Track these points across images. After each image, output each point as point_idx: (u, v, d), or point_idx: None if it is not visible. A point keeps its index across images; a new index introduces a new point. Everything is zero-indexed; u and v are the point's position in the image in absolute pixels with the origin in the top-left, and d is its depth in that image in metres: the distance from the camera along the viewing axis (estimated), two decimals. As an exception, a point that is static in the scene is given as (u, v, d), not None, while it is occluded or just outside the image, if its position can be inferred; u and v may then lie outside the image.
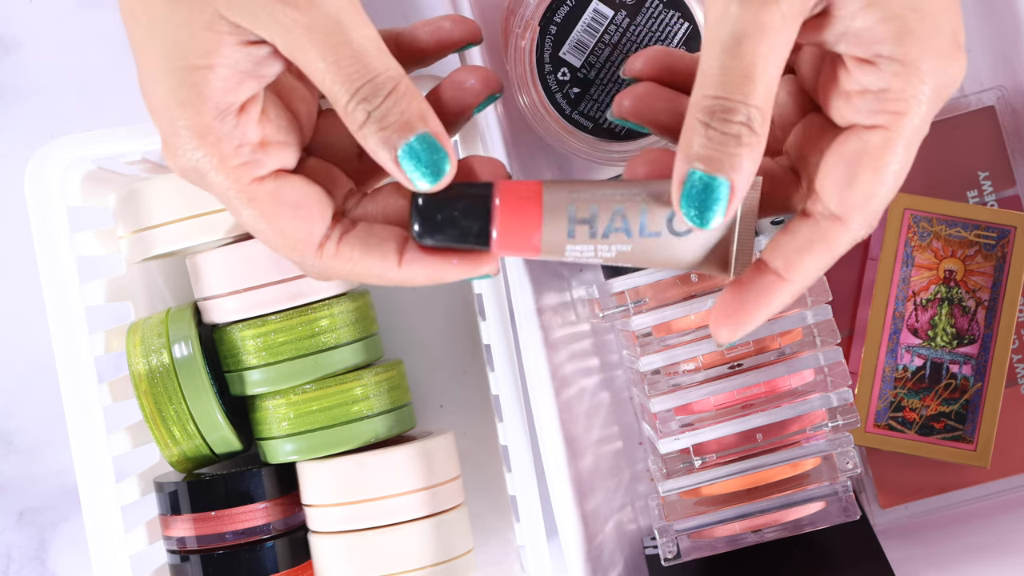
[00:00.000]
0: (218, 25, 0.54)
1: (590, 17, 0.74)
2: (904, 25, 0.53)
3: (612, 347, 0.84)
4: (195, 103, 0.55)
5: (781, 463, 0.72)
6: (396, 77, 0.55)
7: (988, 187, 0.83)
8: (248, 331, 0.74)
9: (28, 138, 0.84)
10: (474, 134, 0.73)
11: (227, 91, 0.55)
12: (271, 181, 0.57)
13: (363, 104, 0.54)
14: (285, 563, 0.76)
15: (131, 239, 0.75)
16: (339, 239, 0.57)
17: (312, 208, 0.57)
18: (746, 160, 0.53)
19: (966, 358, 0.82)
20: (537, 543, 0.72)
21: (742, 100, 0.53)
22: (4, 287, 0.84)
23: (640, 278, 0.72)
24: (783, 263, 0.56)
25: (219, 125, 0.55)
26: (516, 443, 0.72)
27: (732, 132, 0.53)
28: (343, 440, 0.75)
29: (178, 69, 0.55)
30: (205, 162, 0.55)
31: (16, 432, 0.85)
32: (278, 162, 0.57)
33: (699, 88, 0.53)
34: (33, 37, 0.84)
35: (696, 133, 0.53)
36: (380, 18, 0.84)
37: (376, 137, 0.55)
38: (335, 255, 0.57)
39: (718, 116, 0.53)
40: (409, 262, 0.57)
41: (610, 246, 0.57)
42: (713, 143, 0.53)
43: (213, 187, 0.56)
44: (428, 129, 0.55)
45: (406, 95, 0.55)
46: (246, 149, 0.56)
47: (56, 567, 0.86)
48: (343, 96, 0.55)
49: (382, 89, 0.55)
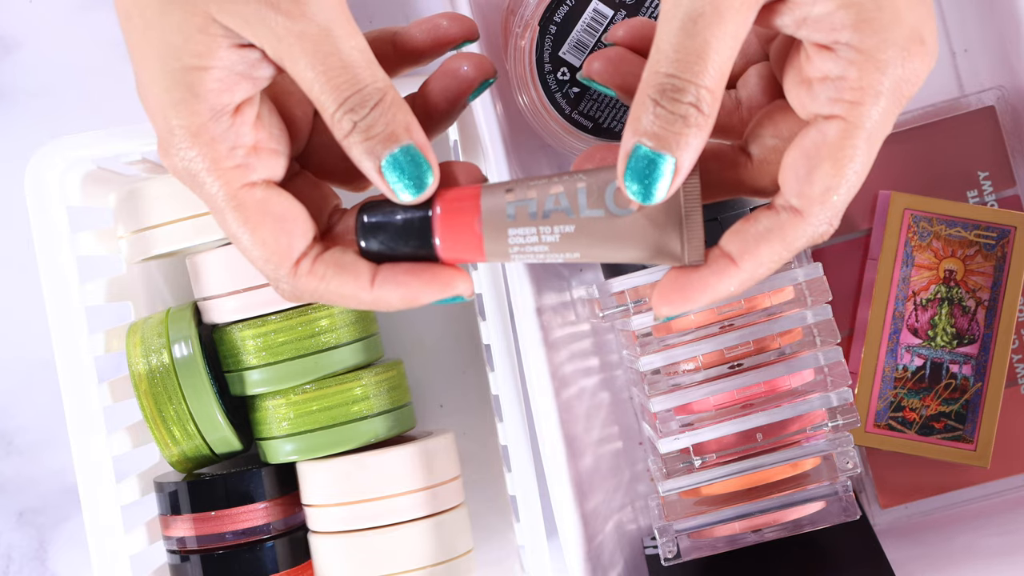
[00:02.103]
0: (211, 28, 0.54)
1: (590, 17, 0.74)
2: (862, 13, 0.53)
3: (612, 347, 0.84)
4: (190, 103, 0.55)
5: (781, 463, 0.72)
6: (383, 88, 0.55)
7: (988, 187, 0.83)
8: (248, 331, 0.74)
9: (28, 138, 0.84)
10: (474, 134, 0.73)
11: (222, 92, 0.55)
12: (261, 190, 0.57)
13: (350, 115, 0.55)
14: (285, 563, 0.76)
15: (131, 239, 0.75)
16: (315, 258, 0.57)
17: (296, 223, 0.57)
18: (692, 140, 0.54)
19: (966, 358, 0.82)
20: (537, 543, 0.72)
21: (692, 80, 0.53)
22: (4, 287, 0.84)
23: (640, 278, 0.72)
24: (738, 249, 0.56)
25: (214, 126, 0.55)
26: (516, 443, 0.72)
27: (680, 112, 0.53)
28: (343, 440, 0.75)
29: (173, 70, 0.55)
30: (198, 162, 0.56)
31: (16, 432, 0.85)
32: (268, 171, 0.57)
33: (652, 64, 0.54)
34: (33, 37, 0.84)
35: (645, 109, 0.54)
36: (380, 18, 0.85)
37: (361, 147, 0.55)
38: (309, 272, 0.57)
39: (668, 94, 0.53)
40: (382, 283, 0.57)
41: (552, 227, 0.56)
42: (661, 120, 0.53)
43: (204, 188, 0.56)
44: (412, 141, 0.55)
45: (392, 107, 0.55)
46: (240, 152, 0.56)
47: (56, 567, 0.86)
48: (330, 105, 0.55)
49: (369, 100, 0.55)
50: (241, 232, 0.57)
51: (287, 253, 0.57)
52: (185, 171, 0.56)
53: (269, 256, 0.57)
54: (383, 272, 0.57)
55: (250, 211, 0.56)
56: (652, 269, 0.72)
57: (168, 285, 0.83)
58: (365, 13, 0.84)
